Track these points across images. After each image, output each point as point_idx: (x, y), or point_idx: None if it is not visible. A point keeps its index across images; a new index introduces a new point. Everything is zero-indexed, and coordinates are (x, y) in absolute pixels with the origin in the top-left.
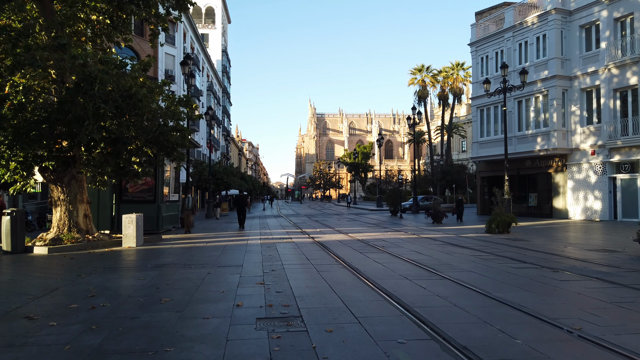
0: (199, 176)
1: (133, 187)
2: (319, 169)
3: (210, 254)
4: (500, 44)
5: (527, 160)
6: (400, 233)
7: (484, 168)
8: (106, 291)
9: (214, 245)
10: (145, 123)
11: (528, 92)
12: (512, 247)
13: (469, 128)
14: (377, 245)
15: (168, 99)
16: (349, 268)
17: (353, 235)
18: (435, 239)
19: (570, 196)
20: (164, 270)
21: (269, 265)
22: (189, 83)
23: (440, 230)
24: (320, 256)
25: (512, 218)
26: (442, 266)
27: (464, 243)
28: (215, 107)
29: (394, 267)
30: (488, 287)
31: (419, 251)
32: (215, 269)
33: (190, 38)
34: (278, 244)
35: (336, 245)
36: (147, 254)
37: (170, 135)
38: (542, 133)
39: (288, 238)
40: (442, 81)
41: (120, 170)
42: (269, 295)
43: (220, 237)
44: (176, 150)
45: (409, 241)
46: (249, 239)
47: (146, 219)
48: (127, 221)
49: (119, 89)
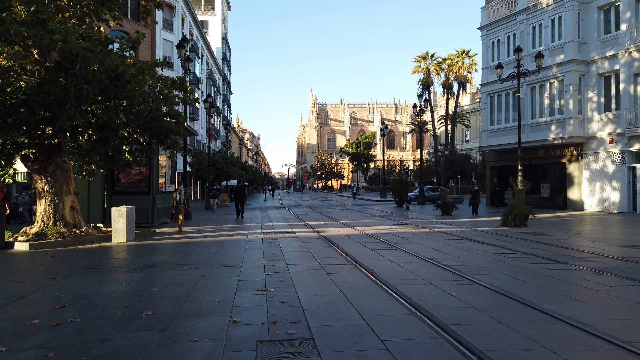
0: (198, 166)
1: (126, 177)
2: (320, 159)
3: (207, 251)
4: (513, 27)
5: (540, 150)
6: (411, 226)
7: (494, 158)
8: (80, 300)
9: (211, 240)
10: (136, 108)
11: (542, 78)
12: (537, 243)
13: (473, 117)
14: (388, 240)
15: (160, 81)
16: (362, 269)
17: (360, 229)
18: (450, 234)
19: (585, 187)
20: (152, 271)
21: (271, 265)
22: (186, 67)
23: (452, 223)
24: (328, 254)
25: (529, 210)
26: (466, 267)
27: (482, 238)
28: (215, 95)
29: (412, 268)
30: (529, 294)
31: (435, 248)
32: (211, 271)
33: (189, 24)
34: (281, 239)
35: (344, 240)
36: (137, 251)
37: (163, 121)
38: (557, 121)
39: (291, 232)
40: (447, 69)
41: (110, 159)
42: (273, 307)
43: (219, 231)
44: (170, 137)
45: (421, 236)
46: (250, 233)
47: (140, 211)
48: (117, 214)
49: (104, 69)
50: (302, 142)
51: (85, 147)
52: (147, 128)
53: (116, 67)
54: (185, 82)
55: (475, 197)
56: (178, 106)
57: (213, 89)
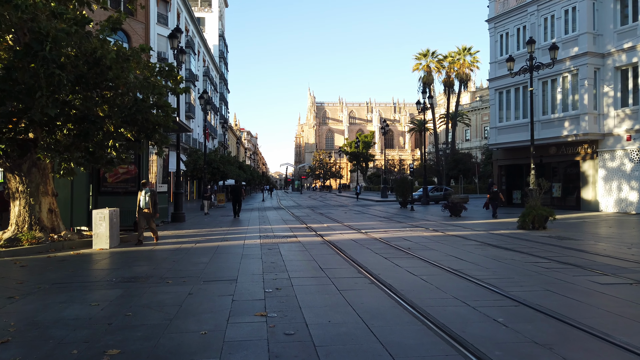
0: (193, 165)
1: (113, 176)
2: (318, 158)
3: (198, 260)
4: (523, 19)
5: (552, 147)
6: (421, 229)
7: (503, 156)
8: (32, 330)
9: (204, 246)
10: (120, 99)
11: (555, 72)
12: (567, 250)
13: (473, 116)
14: (401, 246)
15: (147, 68)
16: (380, 284)
17: (367, 233)
18: (466, 238)
19: (601, 186)
20: (131, 287)
21: (271, 279)
22: (178, 59)
23: (464, 225)
24: (336, 263)
25: (549, 212)
26: (500, 281)
27: (503, 243)
28: (212, 93)
29: (439, 283)
30: (596, 321)
31: (457, 256)
32: (200, 287)
33: (184, 19)
34: (281, 244)
35: (352, 246)
36: (119, 260)
37: (150, 114)
38: (571, 117)
39: (292, 236)
40: (448, 67)
41: (91, 156)
42: (275, 343)
43: (214, 235)
44: (158, 131)
45: (436, 241)
46: (247, 237)
47: (129, 214)
48: (99, 217)
49: (82, 53)
50: (300, 141)
51: (64, 142)
52: (132, 121)
53: (94, 50)
54: (175, 69)
55: (495, 198)
56: (167, 97)
57: (210, 86)
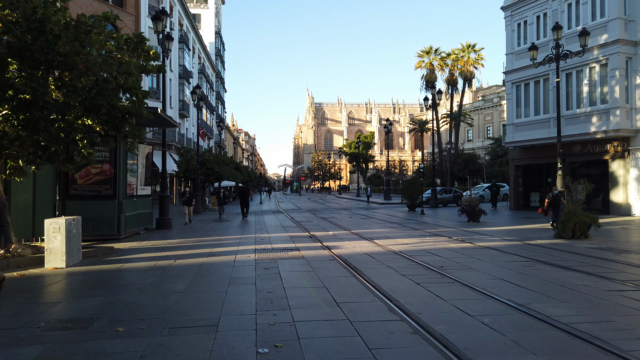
0: (186, 165)
1: (84, 177)
2: (317, 159)
3: (172, 286)
4: (544, 5)
5: (576, 145)
6: (442, 238)
7: (520, 155)
8: None
9: (185, 263)
10: (80, 80)
11: (580, 62)
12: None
13: (475, 116)
14: (430, 264)
15: (111, 39)
16: (429, 336)
17: (382, 243)
18: (504, 251)
19: (633, 188)
20: (56, 344)
21: (268, 324)
22: (164, 45)
23: (490, 233)
24: (355, 293)
25: (592, 218)
26: (596, 326)
27: (555, 259)
28: (208, 92)
29: (513, 332)
30: None
31: (508, 278)
32: (162, 339)
33: (177, 12)
34: (280, 261)
35: (368, 264)
36: (69, 287)
37: (116, 99)
38: (599, 111)
39: (294, 249)
40: (452, 64)
41: (43, 151)
42: None
43: (201, 246)
44: (128, 122)
45: (470, 255)
46: (239, 250)
47: (102, 221)
48: (52, 229)
49: (23, 18)
50: (298, 142)
51: (12, 134)
52: (94, 108)
53: (34, 10)
54: (145, 41)
55: (555, 204)
56: (137, 78)
57: (205, 84)
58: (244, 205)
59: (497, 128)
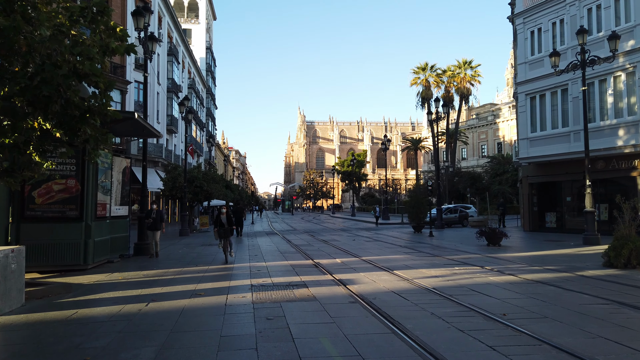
0: (172, 183)
1: (44, 195)
2: (309, 178)
3: (135, 351)
4: (560, 11)
5: (599, 161)
6: (474, 268)
7: (534, 172)
8: None
9: (160, 309)
10: (21, 64)
11: (603, 71)
12: None
13: (470, 134)
14: (482, 308)
15: (66, 10)
16: None
17: (405, 275)
18: (561, 287)
19: None
20: None
21: None
22: (146, 46)
23: (523, 260)
24: None
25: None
26: None
27: (628, 298)
28: (198, 107)
29: None
30: None
31: (602, 334)
32: None
33: (167, 24)
34: (287, 304)
35: (404, 310)
36: None
37: (70, 90)
38: (626, 124)
39: (300, 285)
40: (447, 81)
41: None
42: None
43: (184, 280)
44: (88, 122)
45: (529, 295)
46: (231, 287)
47: (66, 247)
48: None
49: None
50: (290, 160)
51: None
52: (38, 102)
53: None
54: (107, 9)
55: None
56: (100, 63)
57: (195, 100)
58: (237, 224)
59: (492, 146)
